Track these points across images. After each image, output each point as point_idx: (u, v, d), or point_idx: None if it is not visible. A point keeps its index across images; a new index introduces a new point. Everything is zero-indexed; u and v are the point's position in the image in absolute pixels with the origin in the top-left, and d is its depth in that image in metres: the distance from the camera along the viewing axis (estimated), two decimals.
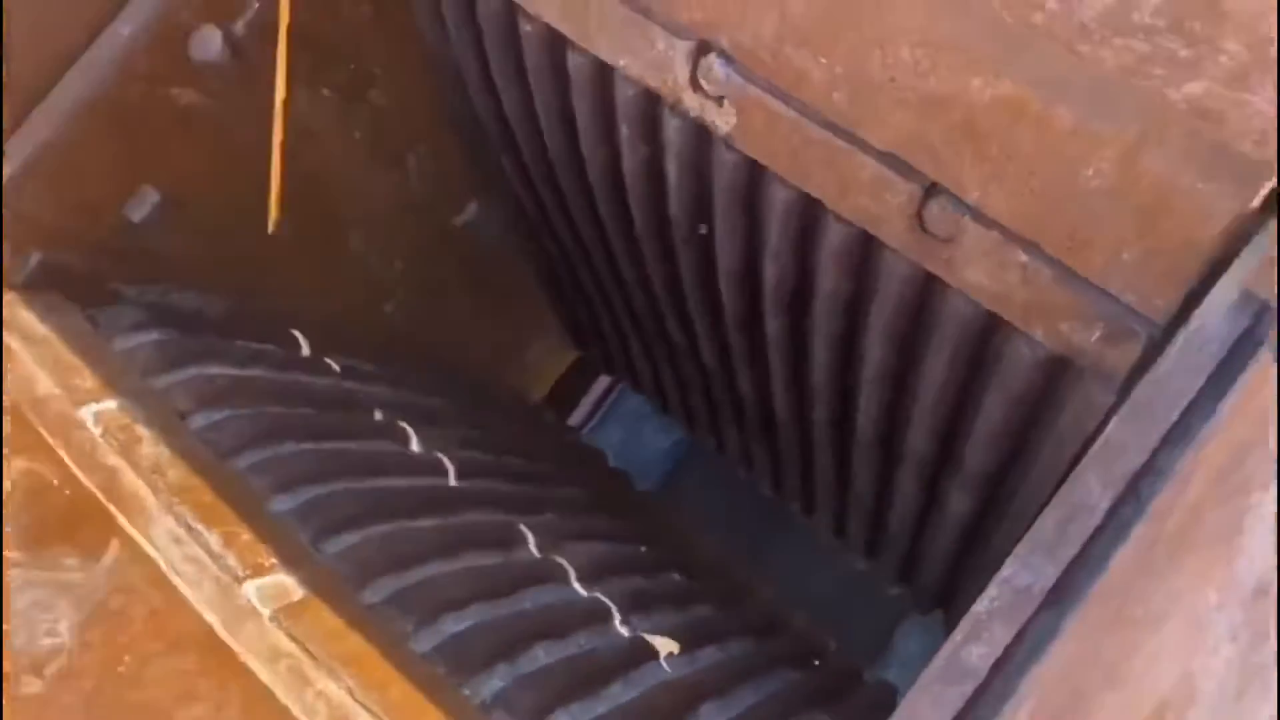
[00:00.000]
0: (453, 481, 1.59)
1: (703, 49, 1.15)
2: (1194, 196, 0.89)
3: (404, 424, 1.68)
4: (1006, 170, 0.99)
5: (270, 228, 1.52)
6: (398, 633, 1.18)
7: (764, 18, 1.06)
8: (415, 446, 1.63)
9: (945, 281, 1.14)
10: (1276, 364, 0.87)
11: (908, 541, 2.02)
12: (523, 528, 1.58)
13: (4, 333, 1.28)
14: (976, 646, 0.92)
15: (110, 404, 1.28)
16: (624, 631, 1.49)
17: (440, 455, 1.64)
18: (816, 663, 1.98)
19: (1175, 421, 0.94)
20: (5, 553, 1.11)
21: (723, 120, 1.19)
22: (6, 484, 1.16)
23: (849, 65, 1.03)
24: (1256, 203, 0.89)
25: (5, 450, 1.17)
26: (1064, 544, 0.92)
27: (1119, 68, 0.84)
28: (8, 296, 1.35)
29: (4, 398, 1.20)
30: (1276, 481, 0.51)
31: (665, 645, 1.50)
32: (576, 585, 1.54)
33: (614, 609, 1.52)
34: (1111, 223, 0.95)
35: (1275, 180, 0.89)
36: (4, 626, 1.08)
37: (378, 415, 1.65)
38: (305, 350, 1.72)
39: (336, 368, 1.73)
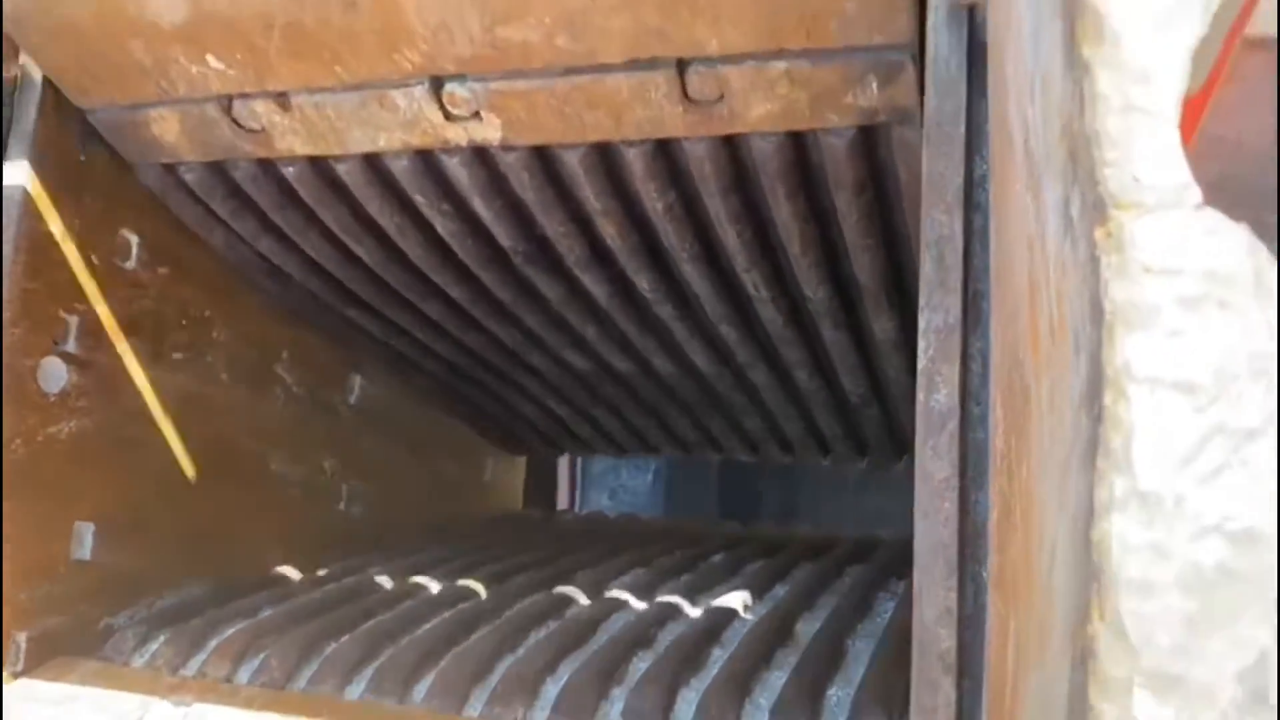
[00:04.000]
0: (485, 596, 1.66)
1: (437, 84, 1.26)
2: None
3: (415, 579, 1.74)
4: (722, 7, 1.10)
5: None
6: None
7: (466, 20, 1.17)
8: (435, 589, 1.70)
9: (741, 134, 1.25)
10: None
11: (877, 408, 2.13)
12: (566, 593, 1.65)
13: None
14: (939, 393, 1.02)
15: (157, 711, 1.33)
16: (697, 613, 1.56)
17: (462, 584, 1.71)
18: (876, 551, 2.06)
19: (966, 135, 1.07)
20: None
21: (490, 131, 1.30)
22: None
23: (553, 9, 1.14)
24: None
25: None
26: (949, 274, 1.04)
27: None
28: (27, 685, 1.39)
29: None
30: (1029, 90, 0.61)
31: (738, 600, 1.58)
32: (637, 605, 1.61)
33: (679, 603, 1.60)
34: None
35: None
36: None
37: (388, 585, 1.71)
38: (296, 576, 1.77)
39: (328, 575, 1.79)
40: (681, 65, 1.17)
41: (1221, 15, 0.40)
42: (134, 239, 1.61)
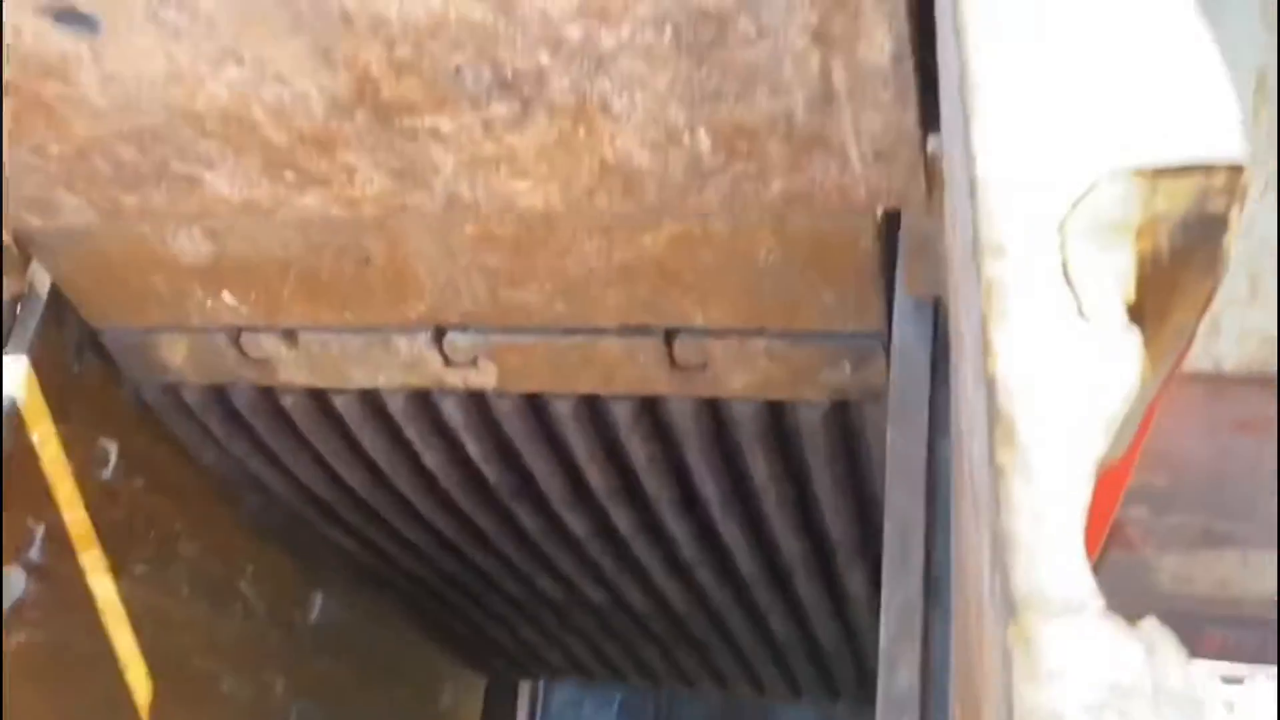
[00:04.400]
0: None
1: (439, 333, 1.32)
2: (838, 237, 1.10)
3: None
4: (708, 288, 1.18)
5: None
6: None
7: (472, 281, 1.24)
8: None
9: (722, 398, 1.31)
10: None
11: (850, 656, 2.11)
12: None
13: None
14: (900, 674, 1.02)
15: None
16: None
17: None
18: None
19: (930, 419, 1.11)
20: None
21: (486, 378, 1.36)
22: None
23: (555, 279, 1.21)
24: (879, 222, 1.10)
25: None
26: (910, 555, 1.06)
27: (725, 196, 1.05)
28: None
29: None
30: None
31: None
32: None
33: None
34: (801, 282, 1.15)
35: (882, 207, 1.10)
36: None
37: None
38: None
39: None
40: (669, 334, 1.25)
41: (1145, 389, 0.44)
42: (113, 449, 1.62)
